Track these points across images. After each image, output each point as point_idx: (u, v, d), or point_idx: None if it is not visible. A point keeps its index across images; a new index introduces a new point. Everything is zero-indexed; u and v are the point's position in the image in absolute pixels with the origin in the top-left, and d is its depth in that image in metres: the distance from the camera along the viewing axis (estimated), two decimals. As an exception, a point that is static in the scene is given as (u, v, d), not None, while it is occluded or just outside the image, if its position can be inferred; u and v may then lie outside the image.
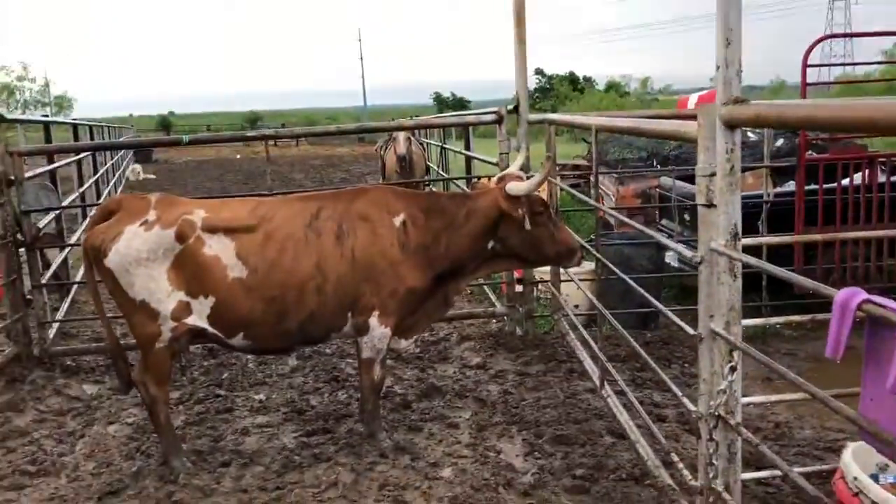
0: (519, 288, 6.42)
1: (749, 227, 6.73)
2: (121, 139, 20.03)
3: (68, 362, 6.10)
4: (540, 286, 6.77)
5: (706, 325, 2.67)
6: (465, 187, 9.21)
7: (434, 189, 12.41)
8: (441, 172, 12.52)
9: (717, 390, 2.58)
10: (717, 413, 2.58)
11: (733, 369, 2.54)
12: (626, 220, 4.17)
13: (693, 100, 11.95)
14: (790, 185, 7.49)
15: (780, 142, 8.99)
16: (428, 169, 12.48)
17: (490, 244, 4.43)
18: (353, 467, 4.21)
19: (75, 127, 13.16)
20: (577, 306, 6.81)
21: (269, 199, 4.52)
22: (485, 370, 5.70)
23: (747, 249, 2.66)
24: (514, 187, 4.28)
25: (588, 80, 62.97)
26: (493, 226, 4.38)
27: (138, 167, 26.00)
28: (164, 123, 67.58)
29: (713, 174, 2.56)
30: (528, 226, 4.29)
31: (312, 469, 4.23)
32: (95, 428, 4.93)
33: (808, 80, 6.52)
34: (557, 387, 5.28)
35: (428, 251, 4.32)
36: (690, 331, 2.85)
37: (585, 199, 5.46)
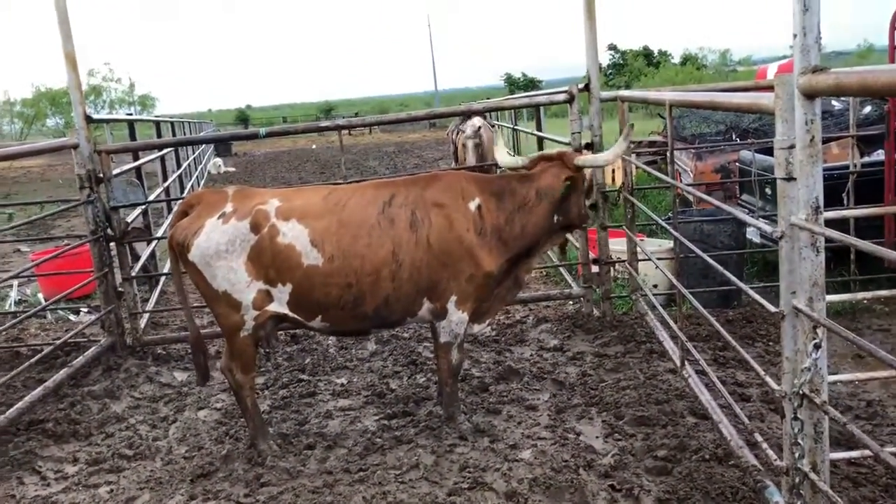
0: (595, 268, 6.35)
1: (834, 200, 6.53)
2: (201, 134, 20.60)
3: (159, 351, 6.36)
4: (617, 266, 6.68)
5: (788, 302, 2.59)
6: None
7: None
8: (511, 154, 12.46)
9: (801, 368, 2.50)
10: (801, 391, 2.51)
11: (817, 346, 2.47)
12: (705, 196, 4.07)
13: (772, 70, 11.52)
14: (879, 155, 7.16)
15: (867, 109, 8.60)
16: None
17: (556, 218, 4.48)
18: (433, 449, 4.26)
19: (158, 124, 13.61)
20: (655, 286, 6.70)
21: (341, 187, 4.59)
22: (562, 352, 5.67)
23: (832, 223, 2.57)
24: (586, 159, 4.42)
25: (663, 53, 61.39)
26: (560, 200, 4.41)
27: (219, 160, 26.76)
28: (242, 117, 69.30)
29: (792, 146, 2.48)
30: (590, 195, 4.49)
31: (394, 451, 4.30)
32: (186, 413, 5.13)
33: (897, 44, 6.22)
34: (637, 368, 5.21)
35: (502, 234, 4.34)
36: (772, 308, 2.77)
37: (662, 176, 5.35)
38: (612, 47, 62.93)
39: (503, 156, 4.90)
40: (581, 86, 6.05)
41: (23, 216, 14.26)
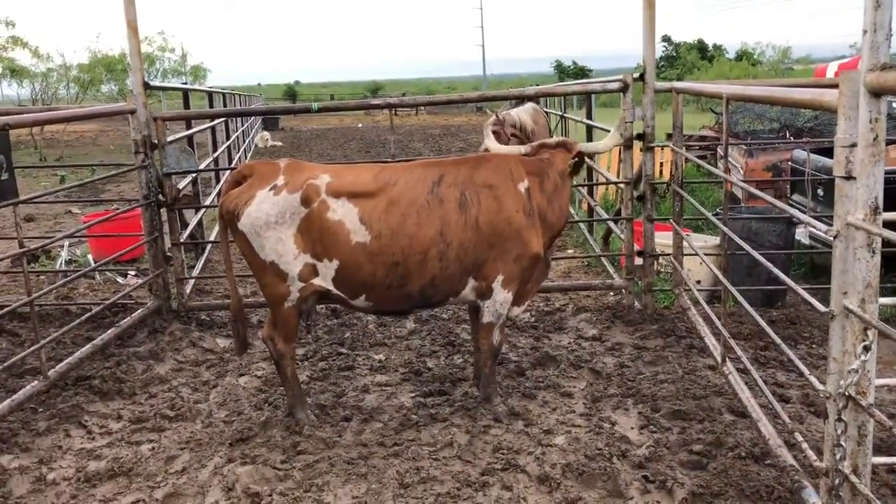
0: (639, 261, 6.31)
1: (890, 205, 6.37)
2: (251, 107, 20.83)
3: (203, 317, 6.49)
4: (660, 259, 6.63)
5: (839, 303, 2.56)
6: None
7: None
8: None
9: (849, 369, 2.47)
10: (847, 393, 2.48)
11: (867, 349, 2.44)
12: (758, 192, 4.01)
13: (833, 68, 11.24)
14: (939, 161, 6.98)
15: (928, 114, 8.38)
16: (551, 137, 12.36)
17: None
18: (468, 429, 4.30)
19: (210, 95, 13.78)
20: (699, 282, 6.64)
21: (391, 165, 4.62)
22: (601, 342, 5.66)
23: (888, 226, 2.53)
24: (589, 146, 4.72)
25: (718, 48, 60.28)
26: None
27: (267, 134, 27.02)
28: (290, 92, 69.92)
29: (854, 144, 2.44)
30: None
31: (428, 428, 4.35)
32: (227, 379, 5.24)
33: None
34: (676, 362, 5.19)
35: (546, 215, 4.42)
36: (822, 308, 2.74)
37: (713, 170, 5.29)
38: (666, 39, 61.98)
39: (492, 143, 4.98)
40: (636, 75, 5.99)
41: (74, 179, 14.59)
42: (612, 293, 6.77)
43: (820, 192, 7.50)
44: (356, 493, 3.71)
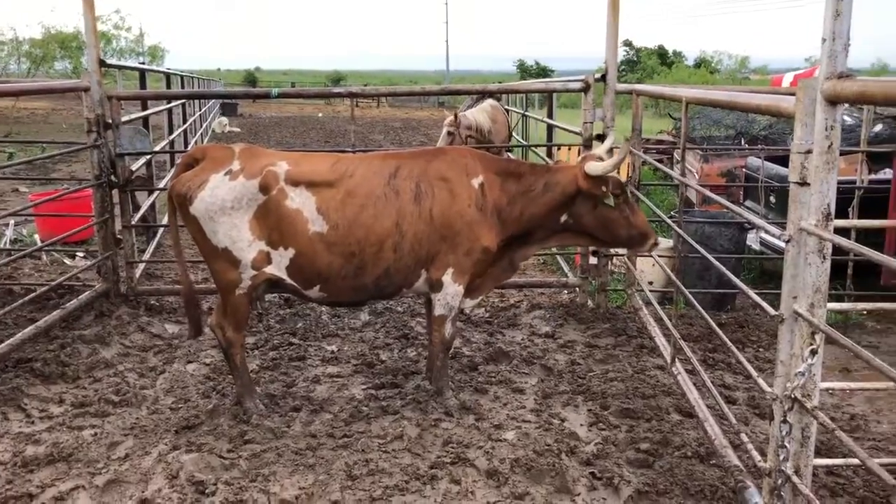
0: (593, 260, 6.36)
1: (839, 214, 6.54)
2: (209, 90, 20.51)
3: (152, 301, 6.36)
4: (614, 260, 6.70)
5: (789, 306, 2.60)
6: (544, 155, 9.15)
7: (512, 156, 12.35)
8: (521, 140, 12.44)
9: (796, 372, 2.52)
10: (793, 395, 2.52)
11: (814, 352, 2.48)
12: (714, 196, 4.07)
13: (788, 78, 11.48)
14: (886, 173, 7.17)
15: (878, 127, 8.60)
16: (510, 136, 12.41)
17: (563, 218, 4.48)
18: (418, 422, 4.29)
19: (168, 76, 13.52)
20: (651, 283, 6.72)
21: (349, 156, 4.59)
22: (553, 339, 5.69)
23: (836, 233, 2.57)
24: (593, 167, 4.28)
25: (678, 54, 61.15)
26: (568, 201, 4.42)
27: (225, 119, 26.66)
28: (251, 78, 68.97)
29: (809, 151, 2.48)
30: (611, 203, 4.30)
31: (379, 421, 4.33)
32: (175, 365, 5.14)
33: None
34: (626, 361, 5.24)
35: (502, 213, 4.37)
36: (772, 311, 2.78)
37: (671, 172, 5.35)
38: (628, 43, 62.64)
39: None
40: (598, 76, 6.03)
41: (23, 156, 14.18)
42: (566, 291, 6.82)
43: (772, 199, 7.65)
44: (303, 484, 3.66)
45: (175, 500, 3.54)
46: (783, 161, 7.72)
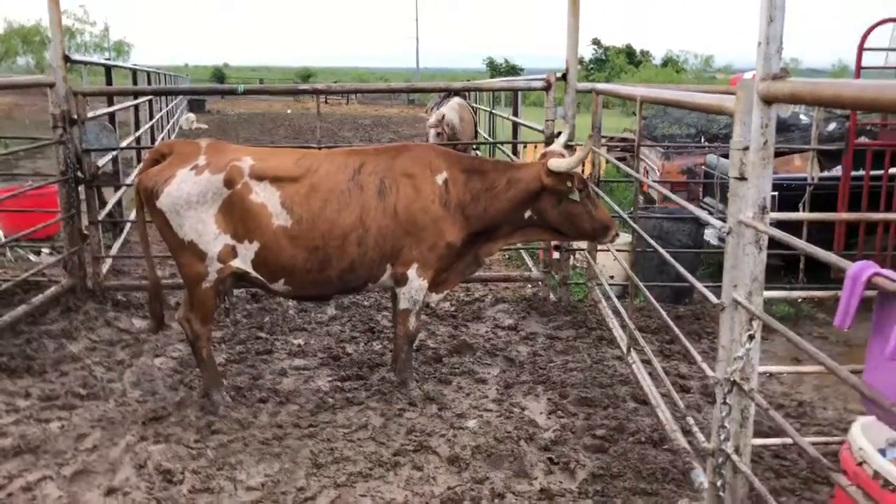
0: (556, 255, 6.52)
1: (792, 209, 6.77)
2: (177, 87, 20.38)
3: (119, 297, 6.38)
4: (576, 255, 6.85)
5: (729, 295, 2.75)
6: (510, 153, 9.29)
7: (479, 153, 12.50)
8: (487, 137, 12.59)
9: (735, 357, 2.67)
10: (732, 378, 2.68)
11: (751, 337, 2.63)
12: (668, 193, 4.23)
13: (748, 76, 11.71)
14: (839, 170, 7.41)
15: (832, 126, 8.87)
16: (476, 133, 12.57)
17: (527, 214, 4.60)
18: (382, 412, 4.41)
19: (134, 72, 13.44)
20: (612, 277, 6.88)
21: (314, 151, 4.69)
22: (516, 331, 5.84)
23: (785, 226, 2.73)
24: (556, 164, 4.42)
25: (645, 53, 61.75)
26: (532, 197, 4.55)
27: (192, 116, 26.49)
28: (218, 75, 68.38)
29: (746, 148, 2.63)
30: (576, 198, 4.44)
31: (344, 411, 4.43)
32: (142, 359, 5.20)
33: (867, 65, 6.46)
34: (586, 352, 5.40)
35: (465, 210, 4.47)
36: (714, 300, 2.94)
37: (628, 170, 5.52)
38: (596, 42, 63.18)
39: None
40: (559, 75, 6.17)
41: (-13, 152, 14.00)
42: (529, 285, 6.97)
43: (729, 195, 7.86)
44: (269, 472, 3.77)
45: (143, 489, 3.62)
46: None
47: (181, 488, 3.63)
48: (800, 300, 6.36)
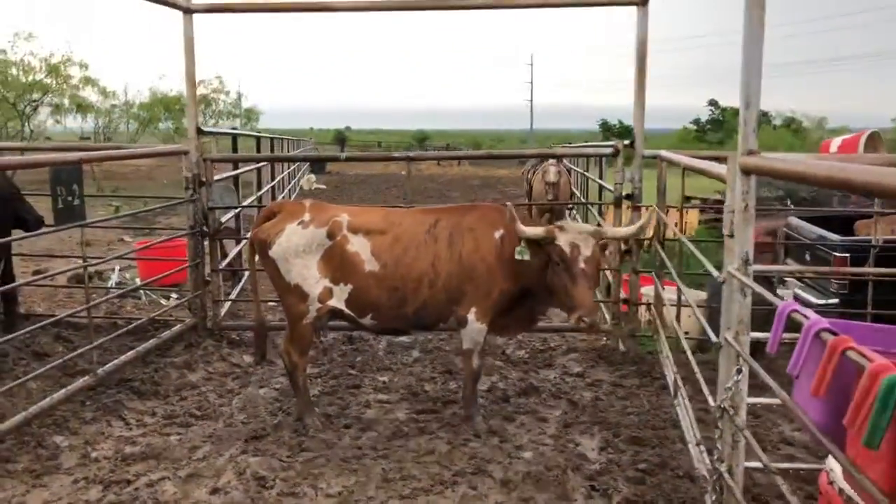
0: (625, 308, 6.95)
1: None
2: (295, 152, 21.98)
3: (233, 336, 7.29)
4: (646, 309, 7.23)
5: (723, 335, 3.22)
6: (597, 213, 9.81)
7: (574, 214, 13.04)
8: (581, 197, 13.14)
9: (725, 387, 3.12)
10: (722, 406, 3.13)
11: (739, 371, 3.08)
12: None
13: (836, 143, 11.77)
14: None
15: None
16: (573, 194, 13.13)
17: (547, 276, 4.87)
18: (449, 441, 4.98)
19: (258, 139, 14.83)
20: (687, 332, 7.17)
21: (398, 210, 5.45)
22: (582, 378, 6.29)
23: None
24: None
25: (765, 114, 60.68)
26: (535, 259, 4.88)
27: (313, 177, 28.16)
28: (340, 137, 71.90)
29: (733, 211, 3.13)
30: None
31: (416, 439, 5.04)
32: (249, 389, 5.99)
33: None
34: (646, 399, 5.79)
35: (515, 263, 4.98)
36: (714, 338, 3.40)
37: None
38: (713, 103, 62.79)
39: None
40: (626, 143, 6.72)
41: (128, 209, 15.66)
42: (604, 337, 7.39)
43: (807, 257, 8.07)
44: (346, 484, 4.40)
45: (241, 490, 4.33)
46: (819, 222, 8.16)
47: (271, 492, 4.32)
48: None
